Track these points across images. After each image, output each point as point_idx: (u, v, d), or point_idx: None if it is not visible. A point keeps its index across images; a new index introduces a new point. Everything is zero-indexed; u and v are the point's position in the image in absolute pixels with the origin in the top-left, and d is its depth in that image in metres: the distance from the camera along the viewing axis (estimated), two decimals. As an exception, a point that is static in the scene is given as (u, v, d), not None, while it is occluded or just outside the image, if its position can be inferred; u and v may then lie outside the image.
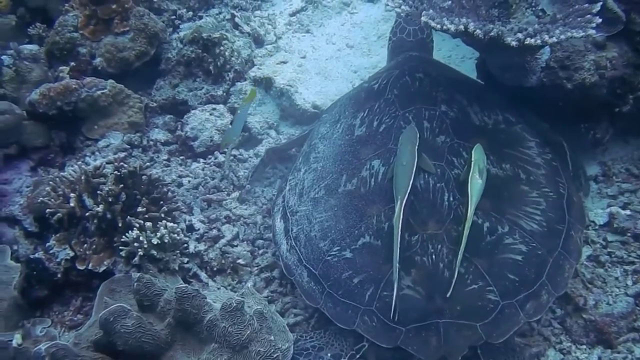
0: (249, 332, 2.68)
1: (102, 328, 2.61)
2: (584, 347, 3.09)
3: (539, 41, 2.67)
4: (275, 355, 2.70)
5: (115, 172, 3.48)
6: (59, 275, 3.47)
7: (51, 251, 3.52)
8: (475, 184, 2.89)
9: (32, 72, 4.59)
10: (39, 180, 4.02)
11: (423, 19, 2.81)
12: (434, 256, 2.87)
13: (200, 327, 2.72)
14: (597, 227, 3.49)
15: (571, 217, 3.14)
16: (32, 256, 3.55)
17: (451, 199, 3.01)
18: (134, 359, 2.66)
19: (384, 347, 2.83)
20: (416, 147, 3.01)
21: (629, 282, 3.21)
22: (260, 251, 3.72)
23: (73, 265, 3.46)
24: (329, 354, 3.00)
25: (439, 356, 2.76)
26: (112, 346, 2.61)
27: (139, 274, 2.89)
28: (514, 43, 2.70)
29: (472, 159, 2.96)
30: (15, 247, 3.81)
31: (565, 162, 3.45)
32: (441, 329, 2.76)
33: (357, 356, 2.96)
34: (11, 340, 3.20)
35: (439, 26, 2.78)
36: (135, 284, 2.85)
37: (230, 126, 4.43)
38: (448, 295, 2.75)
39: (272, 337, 2.74)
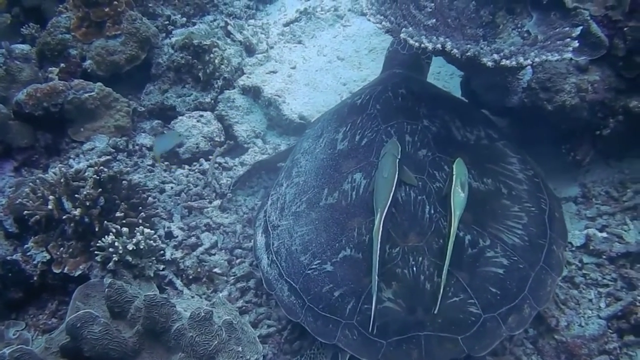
0: (216, 342, 2.67)
1: (69, 333, 2.60)
2: (555, 368, 3.09)
3: (514, 63, 2.68)
4: (242, 367, 2.70)
5: (95, 176, 3.47)
6: (35, 278, 3.47)
7: (28, 253, 3.52)
8: (458, 198, 2.88)
9: (23, 72, 4.61)
10: (21, 181, 4.04)
11: (402, 36, 2.82)
12: (414, 268, 2.84)
13: (168, 335, 2.71)
14: (573, 249, 3.50)
15: (553, 232, 3.13)
16: (8, 257, 3.53)
17: (432, 211, 2.99)
18: (100, 365, 2.65)
19: None
20: (397, 160, 3.03)
21: (602, 305, 3.21)
22: (238, 260, 3.71)
23: (49, 268, 3.45)
24: None
25: None
26: (79, 352, 2.59)
27: (110, 280, 2.89)
28: (489, 64, 2.72)
29: (454, 173, 2.96)
30: (-6, 248, 3.82)
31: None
32: (422, 341, 2.74)
33: None
34: (-17, 342, 3.23)
35: (417, 44, 2.79)
36: (107, 290, 2.84)
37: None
38: (435, 310, 2.72)
39: (240, 349, 2.74)
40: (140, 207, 3.63)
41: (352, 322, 2.83)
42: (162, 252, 3.55)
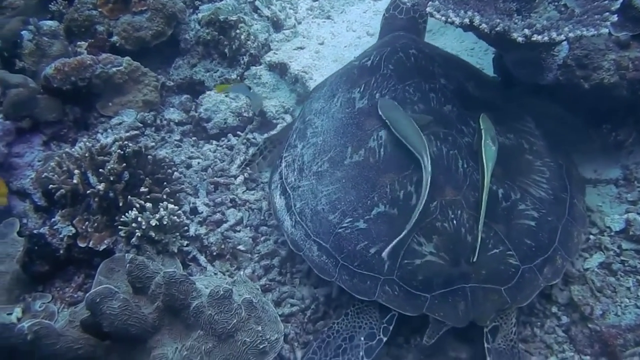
0: (235, 321, 2.63)
1: (89, 308, 2.58)
2: (588, 358, 2.95)
3: (546, 38, 2.53)
4: (262, 347, 2.65)
5: (119, 150, 3.45)
6: (61, 252, 3.47)
7: (55, 227, 3.52)
8: (489, 151, 2.95)
9: (53, 47, 4.59)
10: (49, 155, 4.05)
11: (428, 9, 2.70)
12: (454, 221, 2.84)
13: (187, 313, 2.68)
14: (612, 234, 3.32)
15: (572, 186, 3.20)
16: (35, 231, 3.56)
17: (465, 165, 3.01)
18: (120, 341, 2.64)
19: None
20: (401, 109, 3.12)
21: (641, 294, 3.06)
22: (263, 238, 3.66)
23: (75, 242, 3.45)
24: (362, 338, 2.88)
25: (468, 321, 2.75)
26: (98, 327, 2.59)
27: (131, 255, 2.85)
28: (520, 39, 2.57)
29: (482, 127, 3.04)
30: (24, 221, 3.85)
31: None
32: (468, 293, 2.75)
33: (390, 327, 2.87)
34: (11, 314, 3.26)
35: (443, 18, 2.66)
36: (128, 265, 2.81)
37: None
38: (474, 259, 2.75)
39: (259, 328, 2.69)
40: (165, 183, 3.60)
41: (392, 278, 2.81)
42: (186, 228, 3.52)
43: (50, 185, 3.47)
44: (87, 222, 3.45)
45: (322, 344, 2.94)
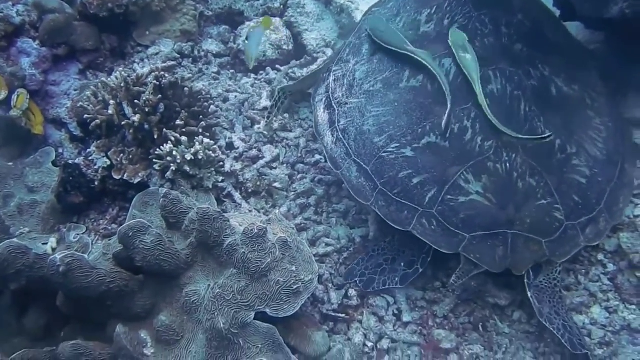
0: (269, 260, 2.55)
1: (121, 242, 2.54)
2: (634, 307, 2.82)
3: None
4: (295, 287, 2.57)
5: (155, 81, 3.33)
6: (96, 183, 3.43)
7: (91, 157, 3.48)
8: (464, 60, 2.84)
9: (90, -27, 4.43)
10: (85, 84, 3.98)
11: None
12: (507, 164, 2.72)
13: (221, 250, 2.62)
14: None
15: (626, 151, 3.06)
16: (70, 161, 3.51)
17: (527, 109, 2.86)
18: (153, 275, 2.60)
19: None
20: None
21: (697, 247, 2.86)
22: (299, 176, 3.54)
23: (110, 174, 3.40)
24: (402, 263, 2.89)
25: (503, 267, 2.67)
26: (131, 261, 2.55)
27: (165, 190, 2.78)
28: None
29: (450, 41, 2.92)
30: (60, 150, 3.84)
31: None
32: (509, 239, 2.66)
33: (429, 258, 2.85)
34: (46, 243, 3.27)
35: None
36: (162, 200, 2.75)
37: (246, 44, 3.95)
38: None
39: (293, 268, 2.61)
40: (201, 116, 3.48)
41: (432, 212, 2.72)
42: (221, 163, 3.42)
43: (85, 115, 3.39)
44: (122, 154, 3.39)
45: (366, 257, 2.99)
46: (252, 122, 3.86)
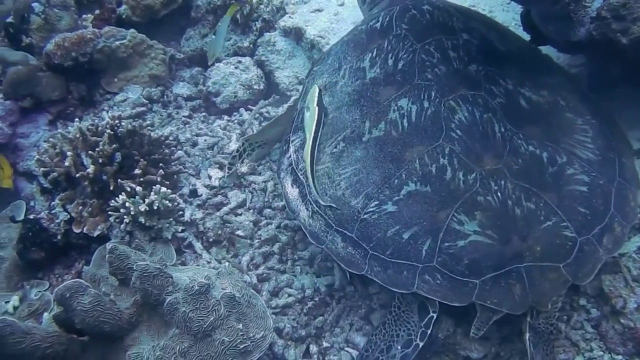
0: (212, 319, 2.41)
1: (59, 304, 2.42)
2: (620, 357, 2.60)
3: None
4: (242, 346, 2.42)
5: (109, 131, 3.25)
6: (58, 237, 3.33)
7: (54, 211, 3.38)
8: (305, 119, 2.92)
9: (62, 20, 4.43)
10: (54, 135, 3.91)
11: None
12: (499, 194, 2.54)
13: (163, 309, 2.48)
14: (650, 216, 2.90)
15: (618, 144, 2.88)
16: (31, 216, 3.43)
17: (502, 129, 2.70)
18: (96, 337, 2.46)
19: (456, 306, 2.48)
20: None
21: (683, 285, 2.64)
22: (265, 222, 3.40)
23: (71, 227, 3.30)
24: (399, 347, 2.61)
25: (527, 306, 2.44)
26: (71, 323, 2.42)
27: (112, 245, 2.66)
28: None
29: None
30: (32, 203, 3.76)
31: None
32: (524, 274, 2.44)
33: (429, 331, 2.58)
34: (9, 301, 3.17)
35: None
36: (108, 255, 2.64)
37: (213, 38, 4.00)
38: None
39: (240, 326, 2.46)
40: (161, 164, 3.39)
41: (432, 265, 2.50)
42: (181, 212, 3.31)
43: (42, 169, 3.32)
44: (82, 207, 3.29)
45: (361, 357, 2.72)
46: (220, 166, 3.74)
